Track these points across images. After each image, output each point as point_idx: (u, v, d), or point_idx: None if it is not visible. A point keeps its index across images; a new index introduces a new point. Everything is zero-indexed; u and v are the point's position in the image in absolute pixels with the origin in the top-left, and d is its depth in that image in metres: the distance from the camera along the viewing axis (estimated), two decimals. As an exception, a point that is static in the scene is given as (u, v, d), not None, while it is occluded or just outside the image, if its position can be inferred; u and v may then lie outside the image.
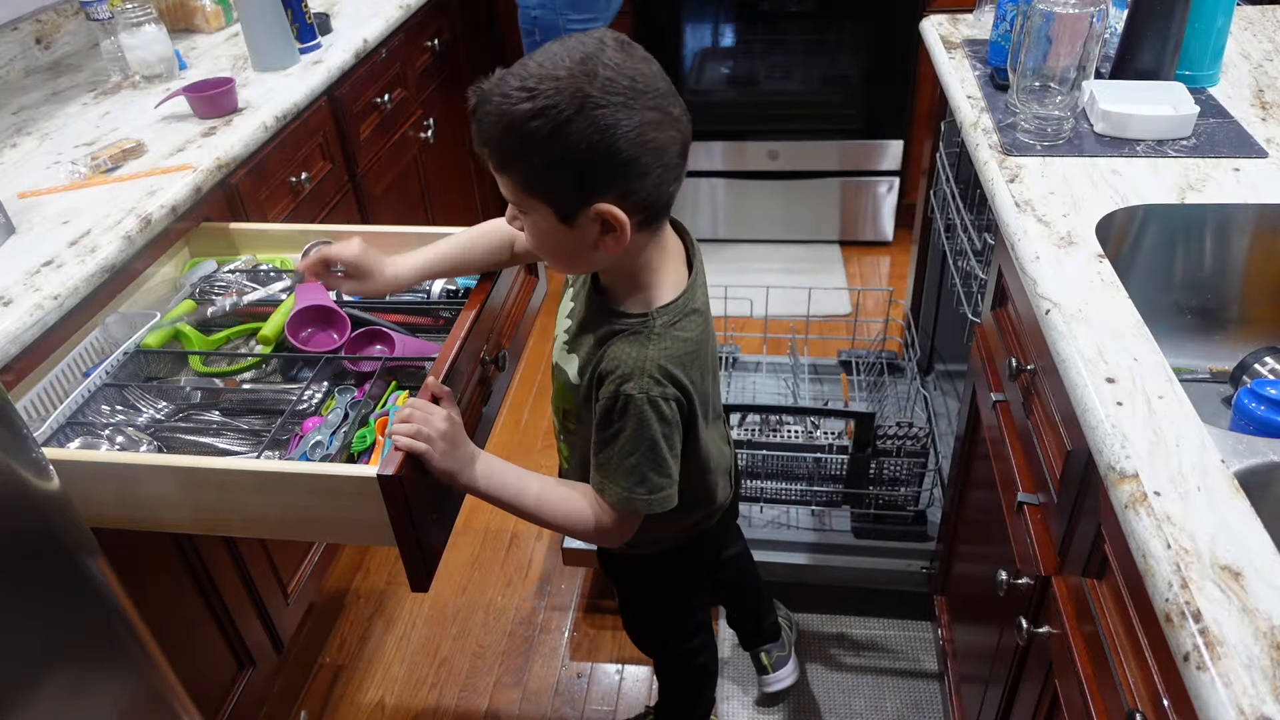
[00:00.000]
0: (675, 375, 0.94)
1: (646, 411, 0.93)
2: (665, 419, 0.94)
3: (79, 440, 1.08)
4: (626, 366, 0.93)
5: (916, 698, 1.69)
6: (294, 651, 1.83)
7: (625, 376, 0.93)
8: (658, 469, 0.96)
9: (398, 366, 1.20)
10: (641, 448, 0.95)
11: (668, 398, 0.94)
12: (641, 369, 0.92)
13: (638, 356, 0.93)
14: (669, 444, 0.96)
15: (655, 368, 0.93)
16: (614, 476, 0.97)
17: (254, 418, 1.14)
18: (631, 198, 0.86)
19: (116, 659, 0.90)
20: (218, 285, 1.34)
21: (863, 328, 2.36)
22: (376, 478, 0.90)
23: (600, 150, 0.82)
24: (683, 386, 0.95)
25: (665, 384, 0.93)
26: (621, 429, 0.94)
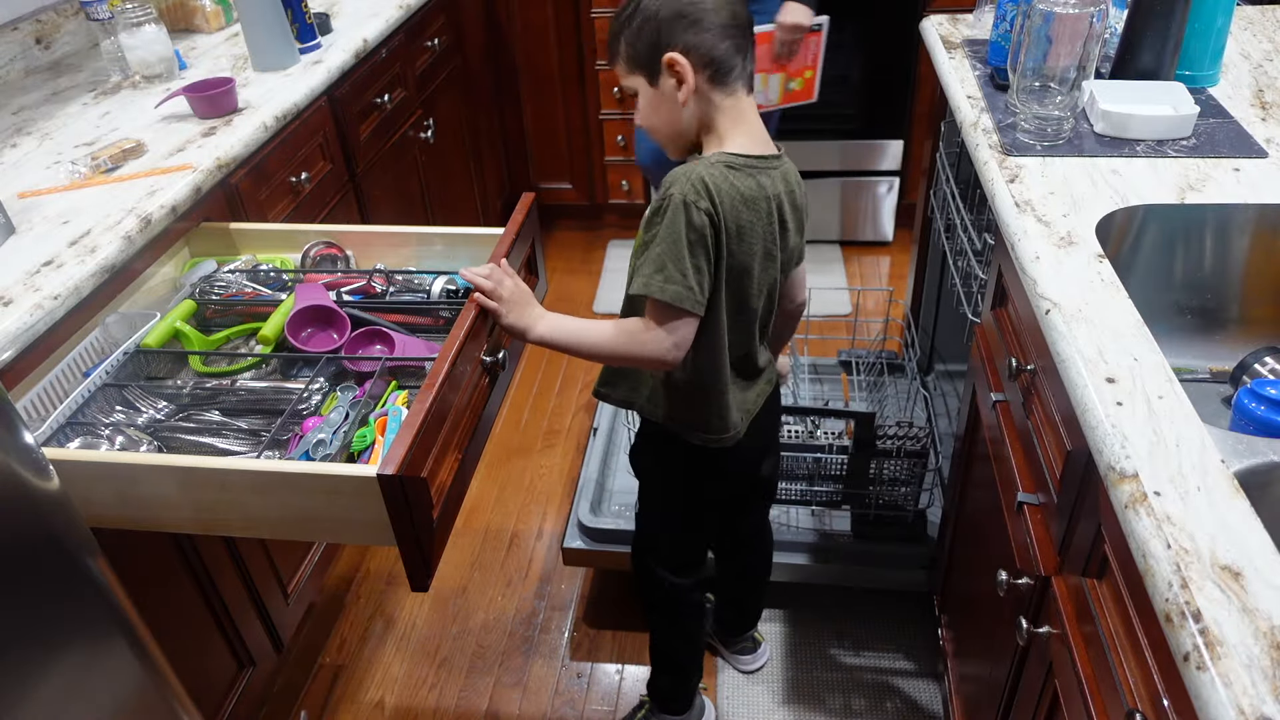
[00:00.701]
0: (712, 192, 1.07)
1: (679, 210, 1.07)
2: (692, 224, 1.07)
3: (79, 440, 1.08)
4: (675, 176, 1.09)
5: (916, 698, 1.69)
6: (294, 651, 1.83)
7: (672, 182, 1.09)
8: (676, 262, 1.07)
9: (398, 366, 1.20)
10: (667, 240, 1.07)
11: (700, 207, 1.06)
12: (686, 176, 1.08)
13: (686, 171, 1.09)
14: (690, 249, 1.07)
15: (697, 178, 1.07)
16: (642, 269, 1.09)
17: (254, 417, 1.14)
18: (693, 49, 1.09)
19: (116, 659, 0.90)
20: (218, 285, 1.34)
21: (863, 328, 2.36)
22: (376, 477, 0.90)
23: (663, 12, 1.09)
24: (716, 205, 1.07)
25: (700, 194, 1.07)
26: (658, 224, 1.09)
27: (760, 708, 1.69)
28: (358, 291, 1.33)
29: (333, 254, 1.42)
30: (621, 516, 1.85)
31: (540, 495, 2.20)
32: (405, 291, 1.35)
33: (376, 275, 1.36)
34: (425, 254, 1.42)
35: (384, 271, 1.38)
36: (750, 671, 1.74)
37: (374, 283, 1.34)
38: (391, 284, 1.36)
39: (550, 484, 2.23)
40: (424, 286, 1.34)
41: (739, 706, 1.70)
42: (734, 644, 1.75)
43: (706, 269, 1.09)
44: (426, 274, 1.36)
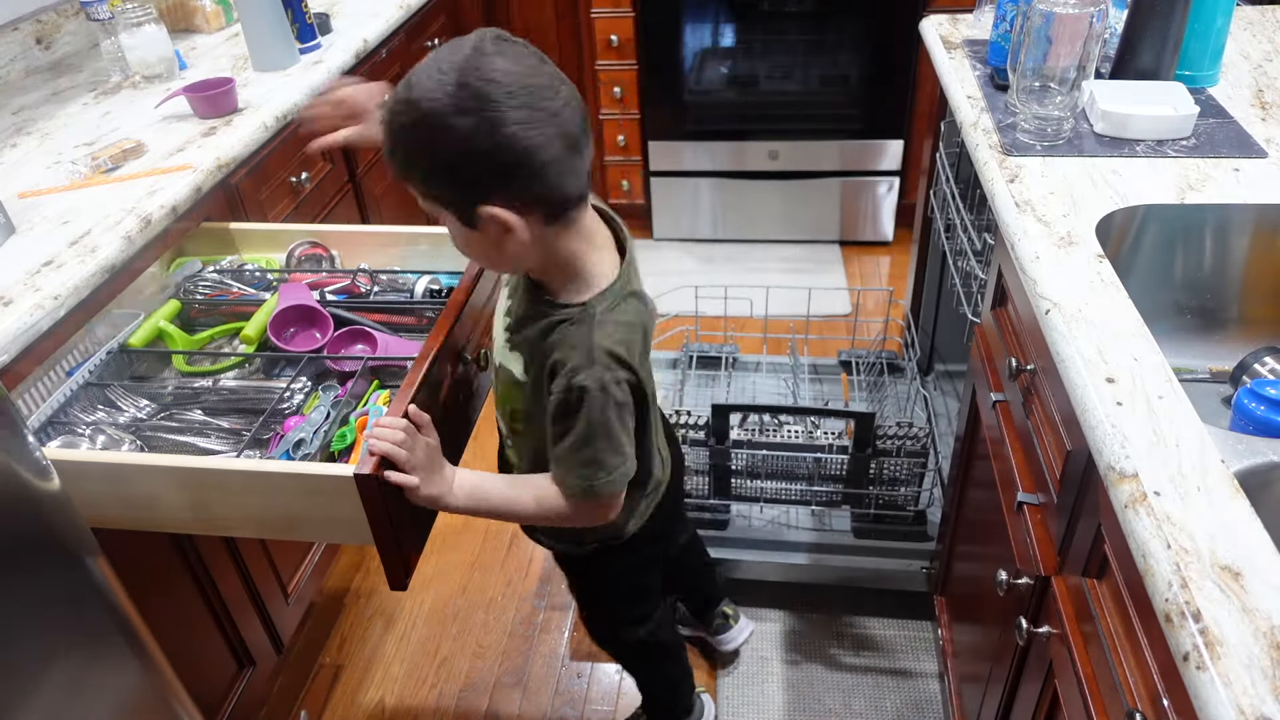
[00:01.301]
0: (623, 358, 0.95)
1: (599, 399, 0.94)
2: (618, 402, 0.95)
3: (59, 439, 1.08)
4: (575, 358, 0.94)
5: (916, 698, 1.69)
6: (294, 651, 1.83)
7: (575, 369, 0.93)
8: (614, 450, 0.98)
9: (380, 366, 1.20)
10: (598, 436, 0.96)
11: (619, 380, 0.95)
12: (591, 358, 0.93)
13: (585, 346, 0.93)
14: (623, 424, 0.98)
15: (603, 354, 0.93)
16: (573, 468, 0.98)
17: (236, 417, 1.14)
18: (520, 198, 0.86)
19: (116, 659, 0.90)
20: (202, 285, 1.34)
21: (863, 328, 2.36)
22: (353, 477, 0.90)
23: (472, 157, 0.83)
24: (631, 368, 0.96)
25: (615, 368, 0.94)
26: (576, 422, 0.95)
27: (760, 708, 1.69)
28: (342, 291, 1.33)
29: (318, 254, 1.42)
30: (621, 516, 1.85)
31: (540, 495, 2.20)
32: (389, 291, 1.35)
33: (361, 275, 1.36)
34: (410, 254, 1.42)
35: (368, 271, 1.38)
36: (735, 648, 1.74)
37: (358, 282, 1.34)
38: (375, 284, 1.36)
39: (550, 484, 2.23)
40: (408, 286, 1.34)
41: (739, 707, 1.70)
42: (710, 626, 1.74)
43: (633, 425, 1.00)
44: (410, 274, 1.36)
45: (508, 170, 0.84)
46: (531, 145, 0.83)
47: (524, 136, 0.82)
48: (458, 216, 0.90)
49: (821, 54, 2.72)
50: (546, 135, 0.84)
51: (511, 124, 0.82)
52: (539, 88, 0.84)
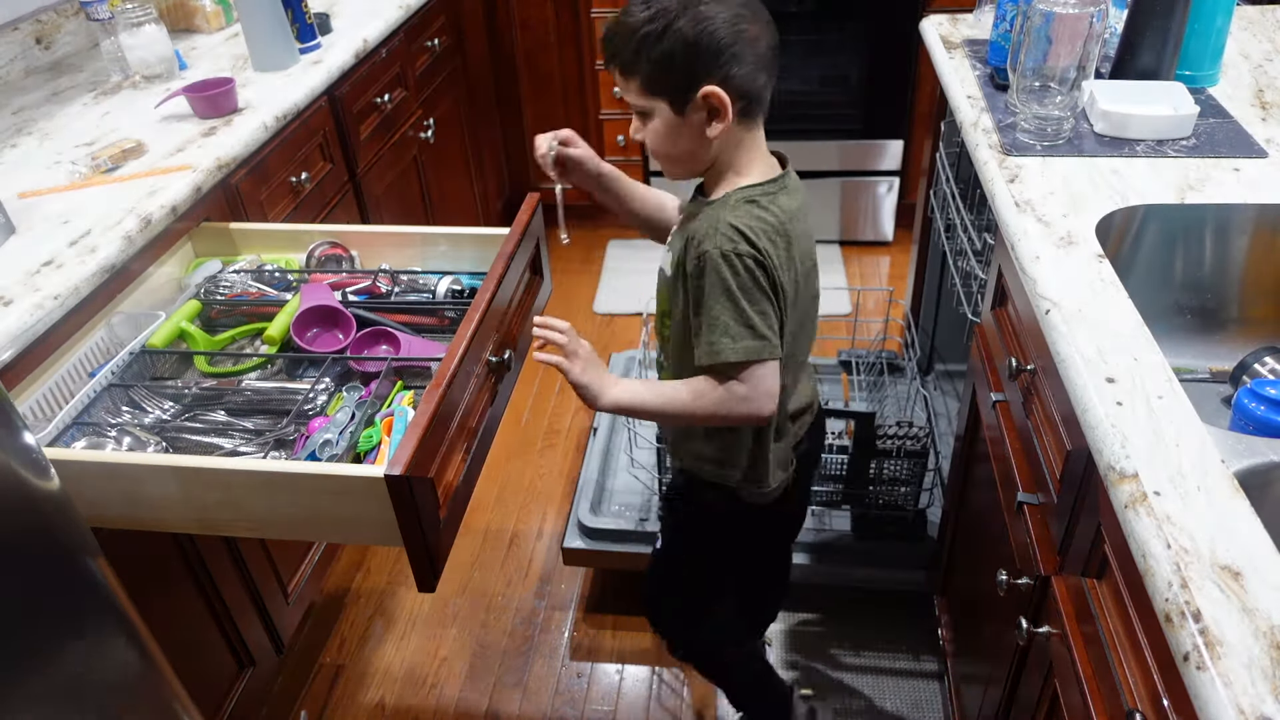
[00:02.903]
0: (748, 235, 1.01)
1: (720, 265, 1.00)
2: (738, 272, 1.00)
3: (84, 440, 1.08)
4: (703, 230, 1.03)
5: (916, 698, 1.69)
6: (294, 651, 1.83)
7: (701, 239, 1.02)
8: (740, 318, 1.01)
9: (403, 366, 1.20)
10: (719, 298, 1.01)
11: (740, 254, 1.00)
12: (715, 229, 1.01)
13: (712, 220, 1.03)
14: (748, 295, 1.01)
15: (727, 226, 1.01)
16: (703, 337, 1.03)
17: (260, 418, 1.14)
18: (732, 82, 1.00)
19: (116, 659, 0.90)
20: (223, 285, 1.34)
21: (863, 328, 2.36)
22: (384, 478, 0.90)
23: (703, 39, 0.98)
24: (758, 247, 1.01)
25: (737, 240, 1.00)
26: (702, 287, 1.02)
27: (760, 708, 1.69)
28: (363, 292, 1.33)
29: (338, 254, 1.43)
30: (621, 516, 1.85)
31: (540, 495, 2.20)
32: (410, 292, 1.35)
33: (381, 275, 1.36)
34: (430, 254, 1.42)
35: (389, 272, 1.38)
36: None
37: (379, 283, 1.34)
38: (396, 284, 1.36)
39: (550, 484, 2.23)
40: (429, 287, 1.34)
41: (739, 706, 1.70)
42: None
43: (771, 310, 1.03)
44: (431, 274, 1.36)
45: (730, 55, 0.99)
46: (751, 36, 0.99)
47: (746, 29, 0.99)
48: (672, 105, 1.02)
49: (821, 54, 2.71)
50: (762, 30, 1.01)
51: (738, 16, 0.99)
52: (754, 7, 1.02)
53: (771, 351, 1.03)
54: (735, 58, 0.99)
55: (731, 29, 0.98)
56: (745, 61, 1.00)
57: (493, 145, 2.94)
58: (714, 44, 0.98)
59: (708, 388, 1.05)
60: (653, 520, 1.83)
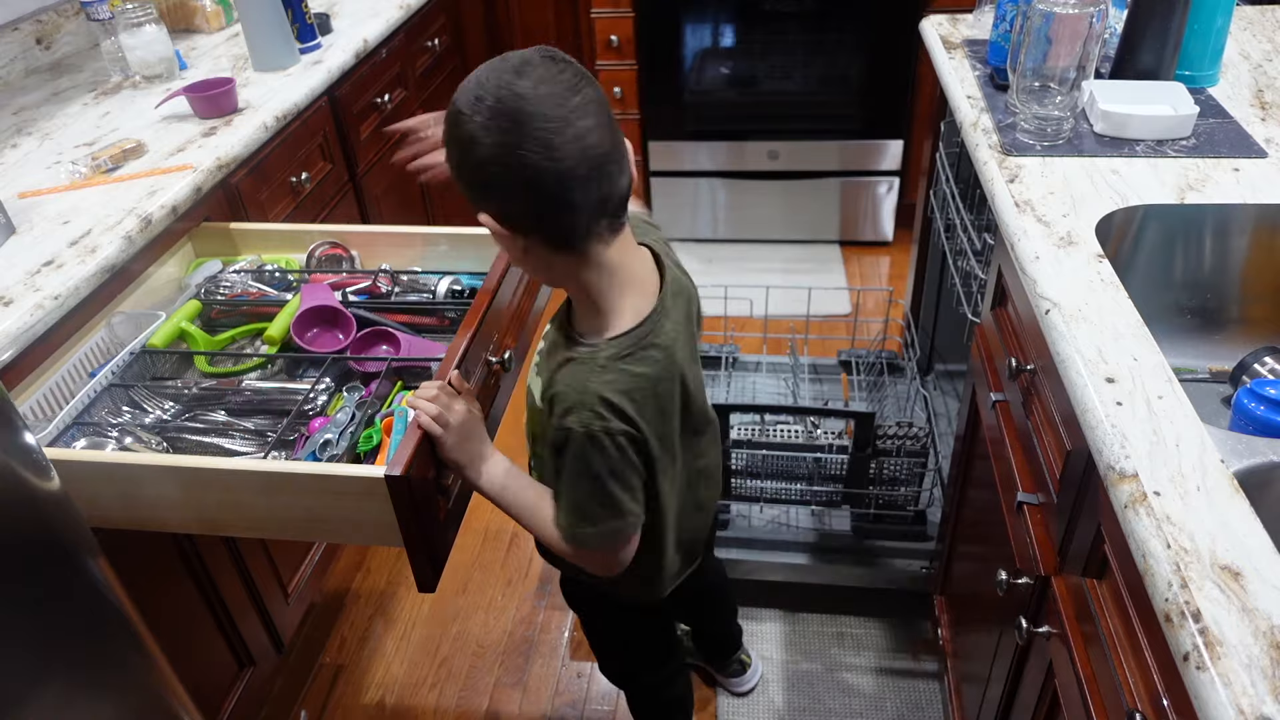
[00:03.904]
0: (621, 408, 0.89)
1: (586, 447, 0.90)
2: (607, 453, 0.90)
3: (85, 440, 1.08)
4: (569, 399, 0.90)
5: (916, 698, 1.69)
6: (294, 651, 1.83)
7: (567, 410, 0.90)
8: (603, 501, 0.93)
9: (404, 367, 1.20)
10: (583, 484, 0.92)
11: (611, 432, 0.89)
12: (581, 402, 0.89)
13: (580, 388, 0.90)
14: (617, 479, 0.92)
15: (596, 399, 0.89)
16: (563, 508, 0.96)
17: (260, 418, 1.14)
18: (511, 218, 0.86)
19: (116, 659, 0.90)
20: (223, 285, 1.34)
21: (863, 328, 2.36)
22: (384, 478, 0.90)
23: (470, 164, 0.84)
24: (631, 421, 0.90)
25: (609, 417, 0.89)
26: (564, 464, 0.92)
27: (760, 708, 1.69)
28: (363, 292, 1.33)
29: (338, 254, 1.43)
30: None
31: (540, 495, 2.20)
32: (410, 292, 1.35)
33: (382, 275, 1.36)
34: (430, 254, 1.42)
35: (389, 272, 1.38)
36: (743, 693, 1.71)
37: (379, 283, 1.34)
38: (397, 284, 1.36)
39: (550, 484, 2.23)
40: (429, 287, 1.34)
41: (739, 707, 1.70)
42: (724, 667, 1.72)
43: (638, 482, 0.95)
44: (432, 274, 1.36)
45: (494, 185, 0.84)
46: (521, 170, 0.81)
47: (513, 160, 0.81)
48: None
49: (821, 54, 2.72)
50: (541, 168, 0.81)
51: (498, 145, 0.81)
52: (556, 118, 0.80)
53: (635, 525, 0.97)
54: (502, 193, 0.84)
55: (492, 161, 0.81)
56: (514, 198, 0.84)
57: (493, 145, 2.94)
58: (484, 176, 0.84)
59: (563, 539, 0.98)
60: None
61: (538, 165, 0.81)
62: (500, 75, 0.82)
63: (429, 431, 0.92)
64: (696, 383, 1.05)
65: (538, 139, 0.80)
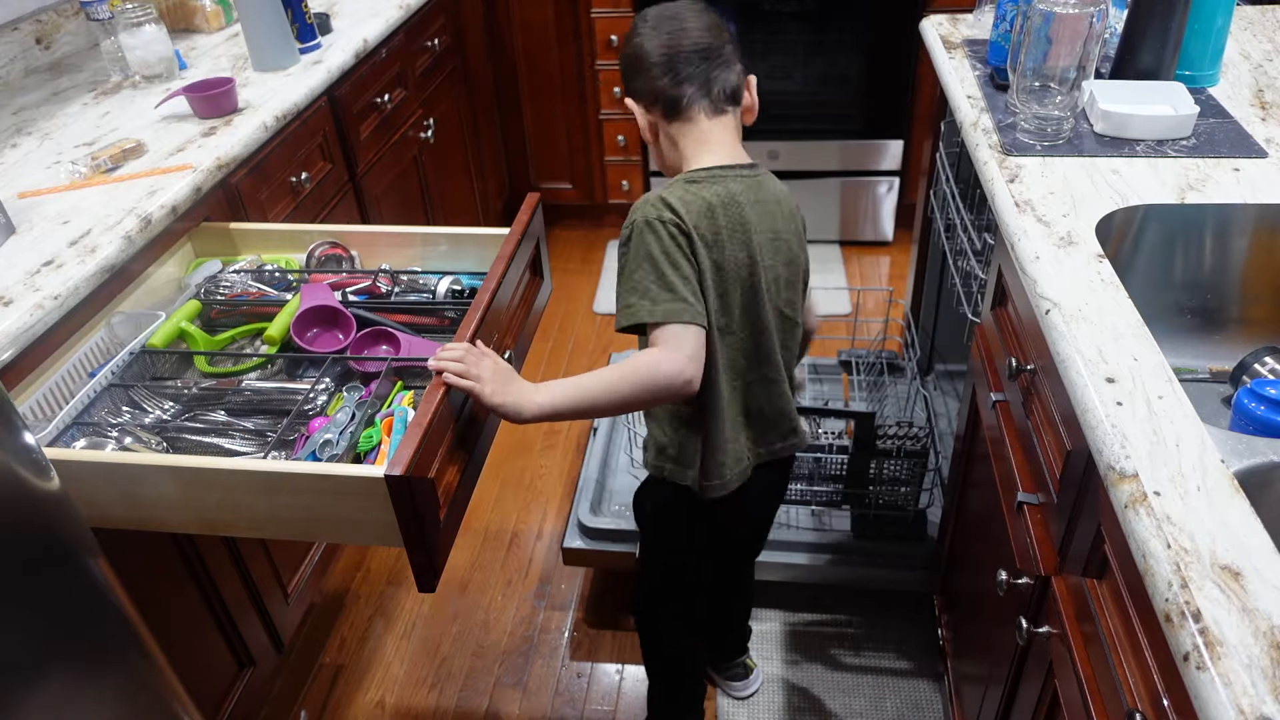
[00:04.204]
0: (673, 205, 1.05)
1: (644, 232, 1.04)
2: (660, 237, 1.04)
3: (85, 440, 1.08)
4: (636, 206, 1.08)
5: (916, 698, 1.69)
6: (294, 651, 1.84)
7: (633, 211, 1.08)
8: (659, 280, 1.03)
9: (403, 367, 1.20)
10: (641, 262, 1.04)
11: (664, 220, 1.04)
12: (645, 201, 1.08)
13: (645, 196, 1.09)
14: (670, 260, 1.04)
15: (655, 198, 1.07)
16: (623, 300, 1.06)
17: (260, 418, 1.14)
18: (641, 94, 1.15)
19: (116, 659, 0.90)
20: (223, 285, 1.34)
21: (863, 328, 2.36)
22: (384, 478, 0.90)
23: (620, 63, 1.18)
24: (681, 215, 1.05)
25: (662, 209, 1.05)
26: (627, 254, 1.07)
27: (760, 707, 1.69)
28: (363, 292, 1.33)
29: (338, 254, 1.43)
30: (621, 516, 1.85)
31: (540, 495, 2.20)
32: (410, 292, 1.35)
33: (382, 275, 1.36)
34: (430, 254, 1.42)
35: (389, 272, 1.38)
36: (743, 698, 1.71)
37: (379, 283, 1.34)
38: (396, 284, 1.36)
39: (550, 484, 2.23)
40: (429, 287, 1.34)
41: (739, 707, 1.70)
42: (725, 670, 1.73)
43: (690, 271, 1.04)
44: (431, 274, 1.36)
45: (631, 71, 1.15)
46: (644, 50, 1.12)
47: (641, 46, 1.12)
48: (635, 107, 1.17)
49: (821, 54, 2.72)
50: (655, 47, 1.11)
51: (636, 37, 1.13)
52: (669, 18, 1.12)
53: (693, 315, 1.03)
54: (634, 72, 1.13)
55: (647, 46, 1.11)
56: (642, 72, 1.12)
57: (493, 145, 2.94)
58: (623, 64, 1.16)
59: (629, 364, 1.03)
60: (653, 520, 1.83)
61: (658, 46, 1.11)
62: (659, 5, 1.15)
63: (463, 388, 0.98)
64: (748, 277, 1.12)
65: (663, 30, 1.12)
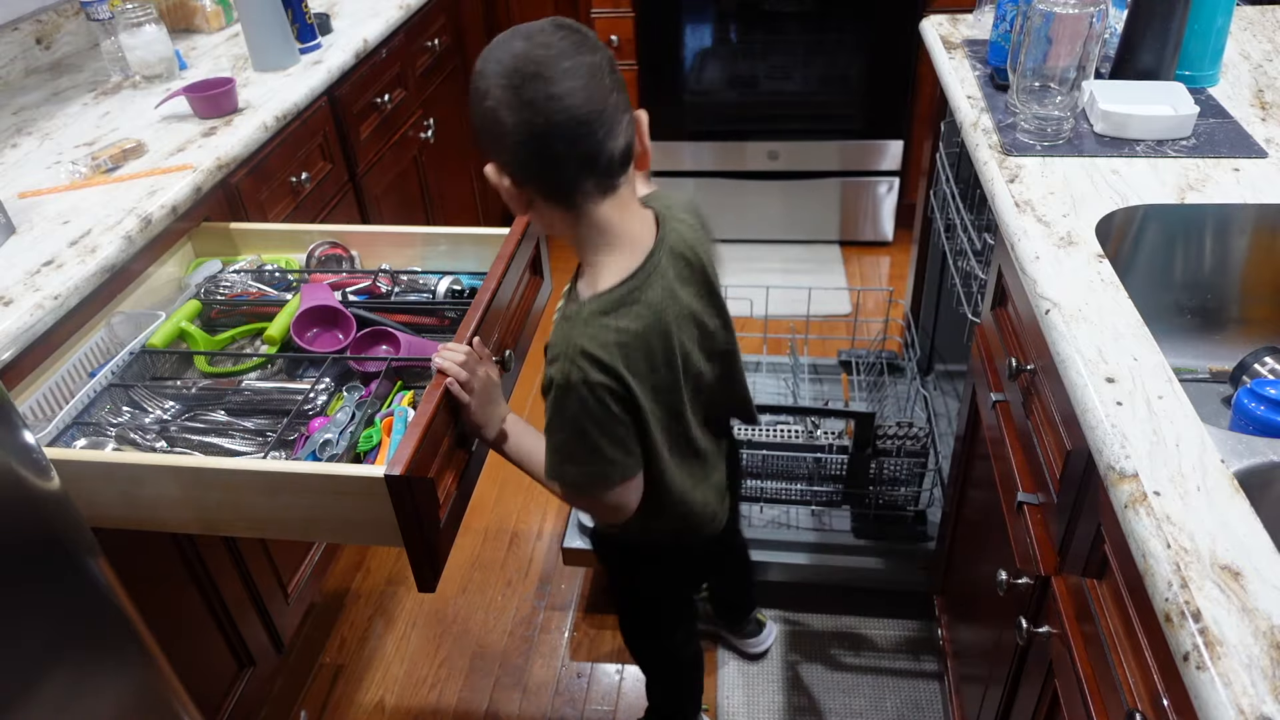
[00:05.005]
0: (601, 360, 0.93)
1: (566, 395, 0.94)
2: (585, 403, 0.94)
3: (85, 440, 1.08)
4: (555, 349, 0.96)
5: (916, 698, 1.69)
6: (294, 651, 1.83)
7: (552, 360, 0.96)
8: (585, 447, 0.97)
9: (403, 366, 1.20)
10: (565, 427, 0.97)
11: (590, 383, 0.93)
12: (565, 353, 0.94)
13: (564, 340, 0.95)
14: (599, 428, 0.95)
15: (577, 351, 0.93)
16: (549, 451, 1.01)
17: (260, 418, 1.14)
18: (508, 167, 0.92)
19: (116, 659, 0.90)
20: (223, 285, 1.34)
21: (863, 328, 2.36)
22: (384, 478, 0.90)
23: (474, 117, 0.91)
24: (615, 374, 0.94)
25: (587, 369, 0.93)
26: (550, 407, 0.98)
27: (760, 707, 1.69)
28: (363, 292, 1.33)
29: (338, 254, 1.43)
30: (621, 516, 1.85)
31: (540, 495, 2.20)
32: (410, 292, 1.35)
33: (382, 275, 1.36)
34: (430, 254, 1.42)
35: (389, 272, 1.38)
36: (758, 653, 1.75)
37: (379, 283, 1.35)
38: (396, 284, 1.36)
39: (550, 484, 2.23)
40: (429, 287, 1.34)
41: (739, 706, 1.70)
42: (740, 629, 1.75)
43: (624, 432, 0.98)
44: (431, 274, 1.36)
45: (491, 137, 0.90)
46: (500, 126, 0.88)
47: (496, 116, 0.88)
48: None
49: (821, 54, 2.72)
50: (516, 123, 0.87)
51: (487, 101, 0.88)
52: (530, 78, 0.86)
53: (623, 471, 0.99)
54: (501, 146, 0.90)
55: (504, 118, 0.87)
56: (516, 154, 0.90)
57: (493, 145, 2.94)
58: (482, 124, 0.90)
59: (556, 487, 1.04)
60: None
61: (523, 121, 0.87)
62: (509, 40, 0.89)
63: (457, 398, 0.99)
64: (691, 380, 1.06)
65: (525, 98, 0.86)
